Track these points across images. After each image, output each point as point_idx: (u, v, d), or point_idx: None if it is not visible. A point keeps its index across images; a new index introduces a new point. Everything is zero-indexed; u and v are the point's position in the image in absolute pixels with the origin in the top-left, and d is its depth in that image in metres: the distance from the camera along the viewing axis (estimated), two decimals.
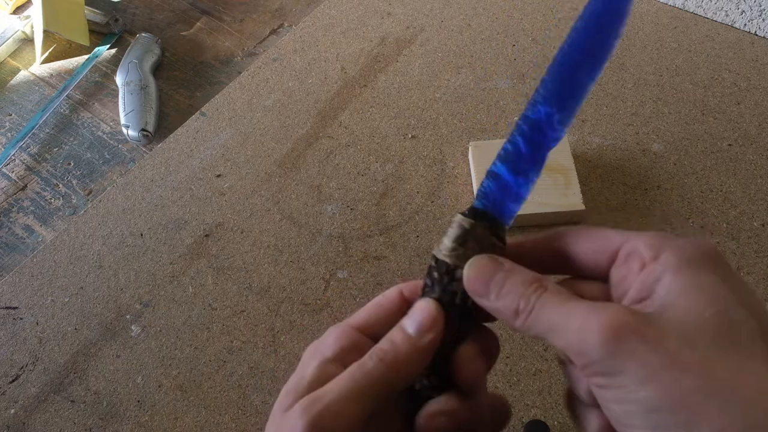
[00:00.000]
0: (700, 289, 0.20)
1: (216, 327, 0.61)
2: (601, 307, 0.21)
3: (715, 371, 0.18)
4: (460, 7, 0.85)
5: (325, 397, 0.23)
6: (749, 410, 0.18)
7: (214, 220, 0.68)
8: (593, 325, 0.20)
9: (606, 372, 0.20)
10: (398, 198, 0.68)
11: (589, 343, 0.20)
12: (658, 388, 0.19)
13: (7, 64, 0.89)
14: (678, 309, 0.20)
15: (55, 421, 0.57)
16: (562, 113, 0.25)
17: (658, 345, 0.19)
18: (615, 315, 0.20)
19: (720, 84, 0.73)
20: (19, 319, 0.64)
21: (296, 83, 0.80)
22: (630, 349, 0.19)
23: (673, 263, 0.21)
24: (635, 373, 0.19)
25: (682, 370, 0.18)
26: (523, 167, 0.26)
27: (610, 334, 0.19)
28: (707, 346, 0.19)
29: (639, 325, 0.19)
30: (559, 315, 0.21)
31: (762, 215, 0.63)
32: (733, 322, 0.19)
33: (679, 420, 0.18)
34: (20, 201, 0.75)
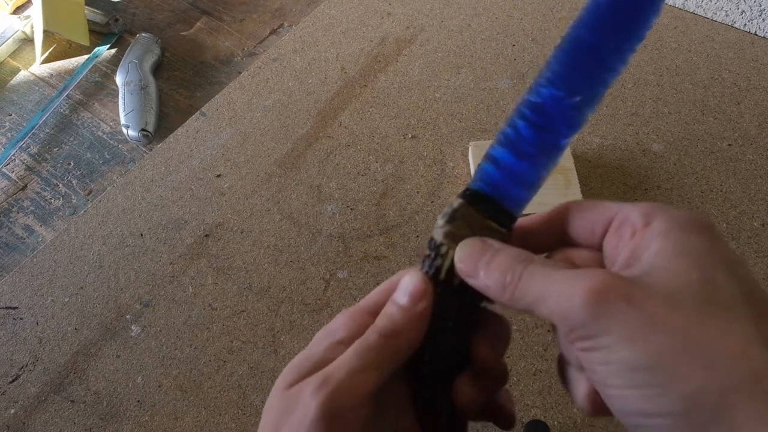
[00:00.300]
0: (687, 253, 0.20)
1: (216, 327, 0.61)
2: (586, 272, 0.21)
3: (698, 331, 0.19)
4: (460, 7, 0.85)
5: (334, 375, 0.23)
6: (729, 369, 0.18)
7: (214, 220, 0.68)
8: (577, 289, 0.20)
9: (590, 334, 0.20)
10: (398, 198, 0.68)
11: (572, 307, 0.20)
12: (641, 347, 0.19)
13: (7, 64, 0.89)
14: (664, 272, 0.20)
15: (55, 421, 0.57)
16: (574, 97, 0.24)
17: (642, 306, 0.19)
18: (598, 278, 0.20)
19: (720, 84, 0.73)
20: (19, 319, 0.64)
21: (296, 83, 0.80)
22: (613, 310, 0.19)
23: (662, 229, 0.21)
24: (618, 334, 0.19)
25: (664, 329, 0.19)
26: (527, 150, 0.25)
27: (594, 297, 0.20)
28: (691, 307, 0.19)
29: (622, 286, 0.20)
30: (545, 282, 0.22)
31: (762, 215, 0.63)
32: (718, 285, 0.20)
33: (660, 378, 0.18)
34: (20, 201, 0.75)
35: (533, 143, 0.25)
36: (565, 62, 0.24)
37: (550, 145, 0.25)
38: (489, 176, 0.25)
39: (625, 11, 0.23)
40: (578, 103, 0.24)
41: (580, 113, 0.24)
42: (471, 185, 0.26)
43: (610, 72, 0.24)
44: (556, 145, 0.25)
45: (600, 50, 0.24)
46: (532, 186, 0.25)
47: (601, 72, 0.24)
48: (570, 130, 0.24)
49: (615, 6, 0.23)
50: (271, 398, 0.25)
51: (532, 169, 0.25)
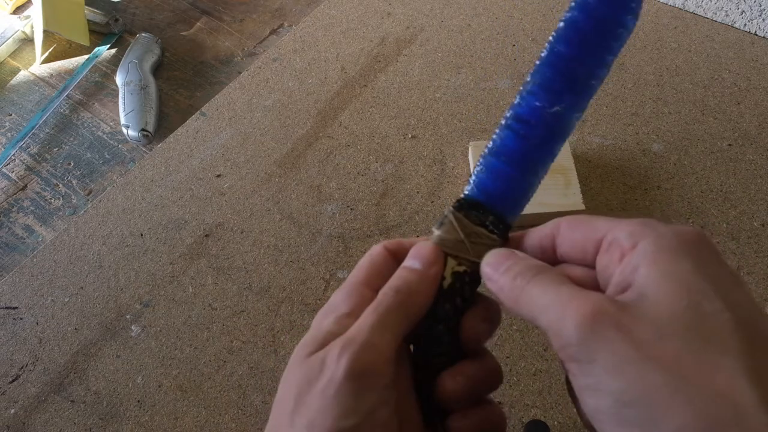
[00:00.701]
0: (675, 278, 0.20)
1: (216, 327, 0.61)
2: (586, 294, 0.21)
3: (684, 366, 0.18)
4: (460, 7, 0.85)
5: (358, 336, 0.23)
6: (714, 407, 0.18)
7: (214, 220, 0.68)
8: (574, 308, 0.20)
9: (579, 358, 0.20)
10: (398, 198, 0.68)
11: (566, 326, 0.20)
12: (627, 380, 0.19)
13: (7, 64, 0.89)
14: (653, 299, 0.20)
15: (55, 421, 0.57)
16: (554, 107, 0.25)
17: (631, 335, 0.19)
18: (595, 302, 0.20)
19: (720, 84, 0.73)
20: (19, 319, 0.64)
21: (296, 83, 0.80)
22: (603, 337, 0.19)
23: (649, 251, 0.21)
24: (606, 362, 0.19)
25: (651, 363, 0.19)
26: (514, 159, 0.26)
27: (587, 320, 0.20)
28: (679, 339, 0.19)
29: (615, 313, 0.20)
30: (547, 295, 0.22)
31: (762, 215, 0.63)
32: (707, 314, 0.19)
33: (644, 415, 0.18)
34: (20, 201, 0.75)
35: (519, 152, 0.26)
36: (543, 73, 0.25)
37: (537, 154, 0.26)
38: (480, 183, 0.26)
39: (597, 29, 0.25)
40: (558, 113, 0.25)
41: (562, 122, 0.25)
42: (464, 193, 0.27)
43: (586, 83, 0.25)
44: (543, 154, 0.26)
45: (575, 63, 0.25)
46: (522, 193, 0.26)
47: (577, 83, 0.25)
48: (553, 138, 0.25)
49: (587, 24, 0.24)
50: (291, 369, 0.24)
51: (520, 177, 0.26)
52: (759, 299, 0.58)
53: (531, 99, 0.25)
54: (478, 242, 0.26)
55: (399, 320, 0.24)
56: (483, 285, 0.26)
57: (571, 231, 0.25)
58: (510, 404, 0.54)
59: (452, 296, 0.26)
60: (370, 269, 0.27)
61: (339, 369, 0.22)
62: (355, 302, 0.26)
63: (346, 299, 0.26)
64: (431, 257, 0.26)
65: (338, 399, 0.22)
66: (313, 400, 0.23)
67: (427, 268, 0.26)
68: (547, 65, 0.25)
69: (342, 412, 0.22)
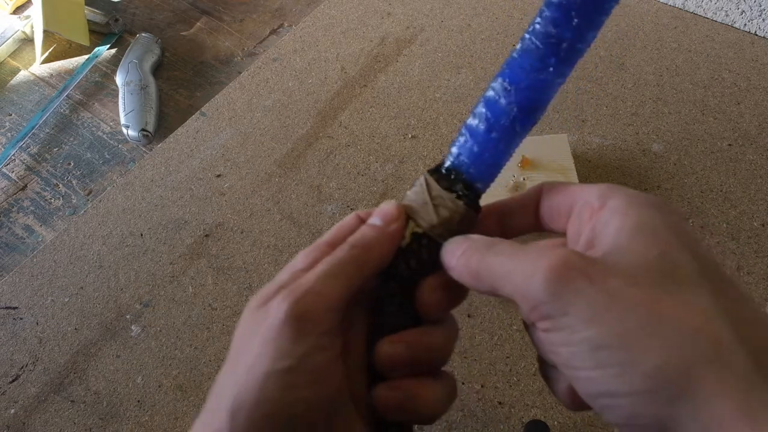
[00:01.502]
0: (646, 230, 0.20)
1: (216, 327, 0.61)
2: (548, 250, 0.21)
3: (659, 307, 0.19)
4: (460, 7, 0.85)
5: (304, 282, 0.24)
6: (691, 344, 0.18)
7: (214, 220, 0.68)
8: (538, 266, 0.20)
9: (551, 314, 0.20)
10: (398, 198, 0.68)
11: (534, 285, 0.20)
12: (603, 326, 0.19)
13: (7, 64, 0.89)
14: (623, 250, 0.20)
15: (55, 421, 0.57)
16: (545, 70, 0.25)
17: (603, 284, 0.19)
18: (559, 256, 0.20)
19: (720, 84, 0.73)
20: (19, 319, 0.64)
21: (296, 83, 0.80)
22: (575, 289, 0.19)
23: (620, 207, 0.21)
24: (580, 313, 0.19)
25: (626, 308, 0.19)
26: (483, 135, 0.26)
27: (555, 274, 0.20)
28: (651, 284, 0.19)
29: (583, 264, 0.20)
30: (508, 261, 0.22)
31: (762, 215, 0.63)
32: (677, 262, 0.20)
33: (623, 357, 0.18)
34: (20, 201, 0.75)
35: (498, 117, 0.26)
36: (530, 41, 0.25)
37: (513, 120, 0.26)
38: (457, 150, 0.26)
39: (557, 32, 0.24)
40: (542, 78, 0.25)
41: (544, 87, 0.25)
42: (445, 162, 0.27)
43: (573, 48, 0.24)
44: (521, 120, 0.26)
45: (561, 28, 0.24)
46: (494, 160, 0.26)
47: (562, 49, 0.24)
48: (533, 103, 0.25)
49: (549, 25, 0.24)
50: (241, 320, 0.25)
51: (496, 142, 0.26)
52: (759, 299, 0.58)
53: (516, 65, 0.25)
54: (442, 205, 0.26)
55: (349, 272, 0.25)
56: None
57: (551, 196, 0.25)
58: (510, 404, 0.54)
59: (408, 256, 0.26)
60: (337, 231, 0.27)
61: (279, 312, 0.23)
62: (313, 257, 0.26)
63: (306, 255, 0.26)
64: (392, 215, 0.26)
65: (275, 341, 0.22)
66: (254, 345, 0.23)
67: (385, 225, 0.26)
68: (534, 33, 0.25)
69: (278, 354, 0.22)
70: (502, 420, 0.53)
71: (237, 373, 0.23)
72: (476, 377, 0.55)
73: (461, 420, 0.53)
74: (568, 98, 0.74)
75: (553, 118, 0.72)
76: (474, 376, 0.55)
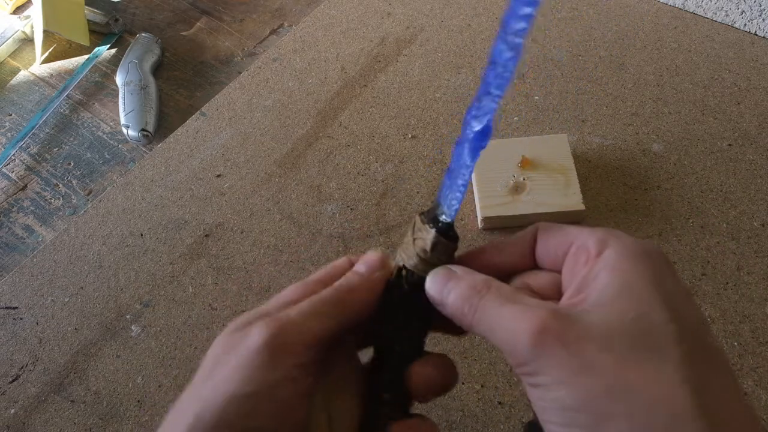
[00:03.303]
0: (630, 289, 0.21)
1: (216, 327, 0.61)
2: (531, 309, 0.22)
3: (627, 375, 0.19)
4: (460, 7, 0.85)
5: (287, 314, 0.25)
6: (653, 414, 0.19)
7: (214, 220, 0.68)
8: (522, 327, 0.21)
9: (531, 372, 0.21)
10: (398, 198, 0.68)
11: (518, 345, 0.21)
12: (572, 389, 0.20)
13: (7, 64, 0.89)
14: (605, 309, 0.21)
15: (55, 421, 0.57)
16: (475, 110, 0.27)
17: (577, 349, 0.20)
18: (540, 318, 0.21)
19: (720, 84, 0.73)
20: (19, 319, 0.64)
21: (296, 83, 0.80)
22: (549, 352, 0.20)
23: (612, 261, 0.22)
24: (553, 375, 0.20)
25: (595, 373, 0.20)
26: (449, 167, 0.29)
27: (534, 339, 0.21)
28: (623, 349, 0.20)
29: (561, 328, 0.21)
30: (496, 316, 0.23)
31: (762, 215, 0.63)
32: (653, 325, 0.20)
33: (587, 420, 0.19)
34: (20, 201, 0.75)
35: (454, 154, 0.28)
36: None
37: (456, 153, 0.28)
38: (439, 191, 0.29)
39: None
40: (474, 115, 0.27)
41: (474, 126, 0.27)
42: None
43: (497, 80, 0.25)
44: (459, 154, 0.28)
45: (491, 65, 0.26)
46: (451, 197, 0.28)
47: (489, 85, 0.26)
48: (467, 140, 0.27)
49: None
50: (217, 339, 0.26)
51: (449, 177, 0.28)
52: (759, 299, 0.58)
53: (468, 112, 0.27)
54: (419, 237, 0.28)
55: (331, 312, 0.26)
56: None
57: (547, 237, 0.26)
58: (510, 404, 0.54)
59: (392, 290, 0.28)
60: (329, 270, 0.29)
61: (258, 337, 0.23)
62: (301, 292, 0.27)
63: (295, 290, 0.28)
64: (375, 264, 0.28)
65: (247, 366, 0.23)
66: (225, 367, 0.24)
67: (369, 273, 0.28)
68: None
69: (247, 379, 0.23)
70: (502, 420, 0.53)
71: (203, 391, 0.24)
72: (476, 377, 0.55)
73: (461, 420, 0.53)
74: (568, 98, 0.74)
75: (553, 118, 0.72)
76: (474, 376, 0.55)
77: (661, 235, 0.62)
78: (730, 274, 0.59)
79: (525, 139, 0.66)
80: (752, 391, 0.53)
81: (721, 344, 0.54)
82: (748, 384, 0.53)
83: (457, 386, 0.55)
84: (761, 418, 0.51)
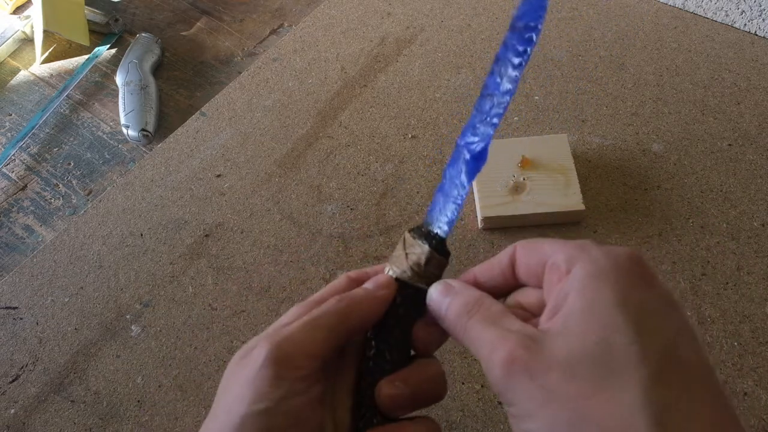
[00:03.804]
0: (592, 311, 0.21)
1: (216, 327, 0.61)
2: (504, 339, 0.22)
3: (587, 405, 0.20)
4: (460, 7, 0.85)
5: (285, 330, 0.25)
6: None
7: (214, 220, 0.68)
8: (495, 357, 0.22)
9: (506, 402, 0.22)
10: (398, 198, 0.68)
11: (491, 374, 0.22)
12: (538, 421, 0.20)
13: (7, 64, 0.89)
14: (570, 333, 0.21)
15: (55, 421, 0.57)
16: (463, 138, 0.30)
17: (543, 380, 0.21)
18: (510, 349, 0.22)
19: (720, 84, 0.73)
20: (19, 319, 0.64)
21: (296, 83, 0.80)
22: (519, 385, 0.21)
23: (578, 279, 0.22)
24: (523, 407, 0.21)
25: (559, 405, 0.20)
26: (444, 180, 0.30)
27: (504, 369, 0.21)
28: (585, 377, 0.20)
29: (528, 358, 0.21)
30: (478, 340, 0.24)
31: (762, 215, 0.63)
32: (616, 348, 0.20)
33: None
34: (20, 201, 0.75)
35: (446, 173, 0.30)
36: None
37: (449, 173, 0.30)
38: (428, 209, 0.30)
39: None
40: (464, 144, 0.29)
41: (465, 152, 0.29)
42: None
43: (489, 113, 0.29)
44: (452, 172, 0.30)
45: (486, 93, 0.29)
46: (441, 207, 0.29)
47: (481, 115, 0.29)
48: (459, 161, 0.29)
49: None
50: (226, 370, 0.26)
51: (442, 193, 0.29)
52: (759, 299, 0.58)
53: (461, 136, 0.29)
54: (412, 252, 0.28)
55: (332, 322, 0.26)
56: None
57: (525, 256, 0.26)
58: None
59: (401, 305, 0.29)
60: (329, 289, 0.29)
61: (259, 356, 0.24)
62: (301, 313, 0.27)
63: (297, 311, 0.28)
64: (383, 283, 0.28)
65: (254, 384, 0.23)
66: (234, 388, 0.24)
67: (375, 290, 0.28)
68: None
69: (256, 396, 0.23)
70: (502, 420, 0.53)
71: (217, 417, 0.24)
72: (476, 377, 0.55)
73: (461, 420, 0.53)
74: (568, 98, 0.74)
75: (553, 118, 0.72)
76: (474, 376, 0.55)
77: (661, 235, 0.62)
78: (730, 274, 0.59)
79: (525, 139, 0.66)
80: (752, 391, 0.53)
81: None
82: (748, 384, 0.53)
83: (457, 386, 0.55)
84: (761, 418, 0.51)
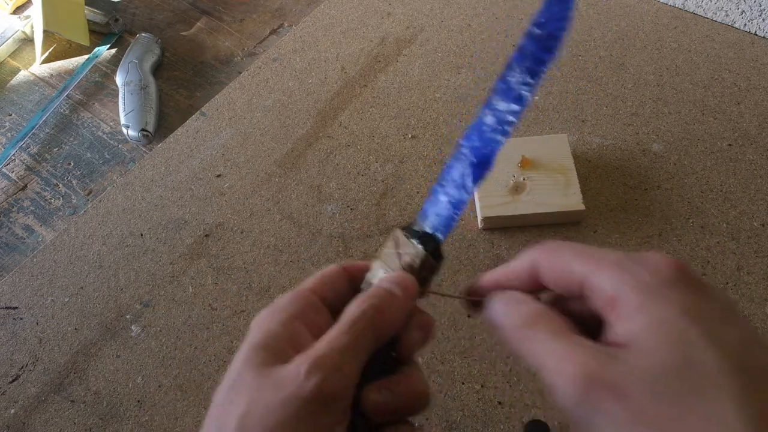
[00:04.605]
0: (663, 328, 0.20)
1: (216, 327, 0.61)
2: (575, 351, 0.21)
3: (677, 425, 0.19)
4: (460, 7, 0.85)
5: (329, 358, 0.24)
6: None
7: (214, 220, 0.68)
8: (567, 371, 0.21)
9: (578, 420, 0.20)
10: (398, 198, 0.68)
11: (563, 391, 0.21)
12: None
13: (7, 64, 0.89)
14: (644, 354, 0.20)
15: (55, 421, 0.57)
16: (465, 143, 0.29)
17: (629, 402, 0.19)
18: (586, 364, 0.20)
19: (720, 84, 0.73)
20: (19, 319, 0.64)
21: (296, 83, 0.80)
22: (600, 406, 0.20)
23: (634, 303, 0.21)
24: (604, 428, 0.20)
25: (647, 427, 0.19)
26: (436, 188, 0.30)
27: (582, 388, 0.20)
28: (671, 396, 0.19)
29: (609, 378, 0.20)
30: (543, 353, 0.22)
31: (762, 215, 0.63)
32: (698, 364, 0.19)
33: None
34: (20, 201, 0.75)
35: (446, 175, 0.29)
36: None
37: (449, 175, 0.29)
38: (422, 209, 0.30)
39: None
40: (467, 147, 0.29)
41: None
42: None
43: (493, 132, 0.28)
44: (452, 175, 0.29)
45: None
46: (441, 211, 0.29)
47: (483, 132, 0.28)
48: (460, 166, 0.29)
49: None
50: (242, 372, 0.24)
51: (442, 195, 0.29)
52: (759, 299, 0.58)
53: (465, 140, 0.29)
54: (405, 253, 0.28)
55: (368, 344, 0.25)
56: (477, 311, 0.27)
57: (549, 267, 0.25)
58: (510, 404, 0.54)
59: None
60: (320, 279, 0.28)
61: (306, 388, 0.22)
62: (302, 305, 0.26)
63: (293, 301, 0.26)
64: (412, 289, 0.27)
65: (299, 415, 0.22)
66: (271, 412, 0.23)
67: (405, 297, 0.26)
68: None
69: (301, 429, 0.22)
70: (502, 420, 0.53)
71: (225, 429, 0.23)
72: (476, 377, 0.55)
73: (461, 420, 0.53)
74: (568, 98, 0.74)
75: (553, 118, 0.72)
76: (474, 376, 0.55)
77: (661, 235, 0.62)
78: (730, 274, 0.59)
79: (525, 139, 0.66)
80: None
81: None
82: None
83: (457, 386, 0.55)
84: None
